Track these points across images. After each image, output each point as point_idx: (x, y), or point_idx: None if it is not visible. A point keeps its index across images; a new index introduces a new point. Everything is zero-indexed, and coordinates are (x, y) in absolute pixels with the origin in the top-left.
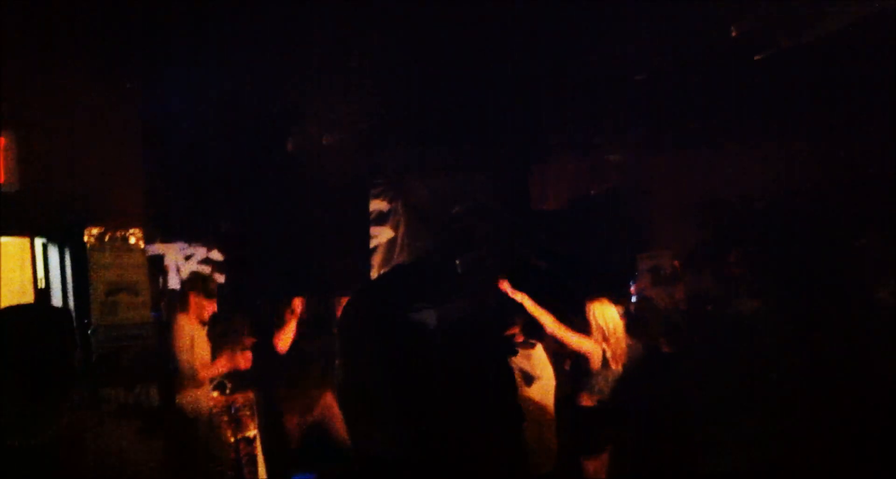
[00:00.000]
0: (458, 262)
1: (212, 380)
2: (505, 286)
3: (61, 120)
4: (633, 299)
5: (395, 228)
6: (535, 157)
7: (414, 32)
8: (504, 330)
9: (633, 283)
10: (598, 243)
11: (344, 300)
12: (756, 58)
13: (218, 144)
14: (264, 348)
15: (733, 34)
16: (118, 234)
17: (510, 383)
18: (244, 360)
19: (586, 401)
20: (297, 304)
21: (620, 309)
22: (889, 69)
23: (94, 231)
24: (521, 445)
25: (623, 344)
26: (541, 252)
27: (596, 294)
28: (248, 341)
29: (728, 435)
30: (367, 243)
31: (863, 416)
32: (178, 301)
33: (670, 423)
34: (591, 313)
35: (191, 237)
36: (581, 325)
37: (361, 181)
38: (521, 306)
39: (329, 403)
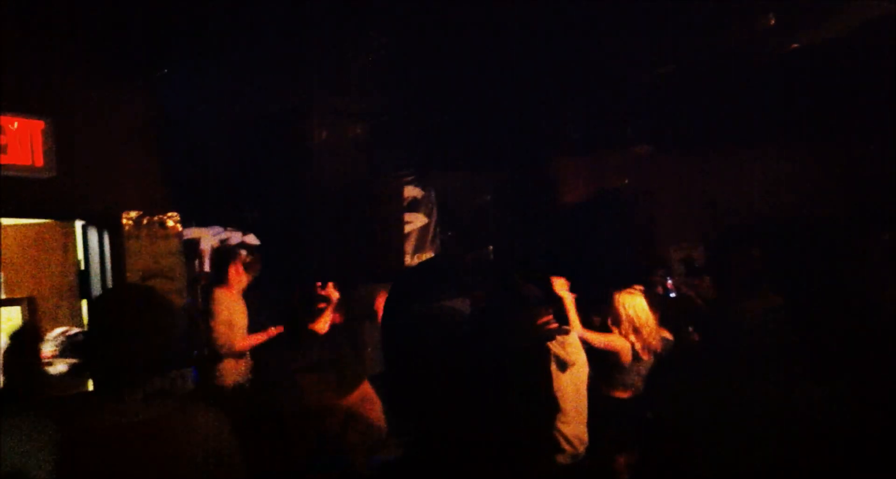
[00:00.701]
0: (490, 248)
1: (249, 354)
2: (556, 283)
3: (95, 108)
4: (672, 293)
5: (429, 216)
6: (549, 153)
7: (435, 25)
8: (537, 319)
9: (670, 277)
10: (614, 238)
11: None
12: (794, 46)
13: (246, 133)
14: (294, 335)
15: (755, 29)
16: (155, 218)
17: (546, 374)
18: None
19: (620, 394)
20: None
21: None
22: (892, 72)
23: (132, 215)
24: (552, 434)
25: (655, 334)
26: (553, 249)
27: (624, 285)
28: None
29: (733, 435)
30: (399, 233)
31: (865, 416)
32: (214, 276)
33: (682, 421)
34: (619, 303)
35: (226, 222)
36: (604, 316)
37: (388, 172)
38: (551, 296)
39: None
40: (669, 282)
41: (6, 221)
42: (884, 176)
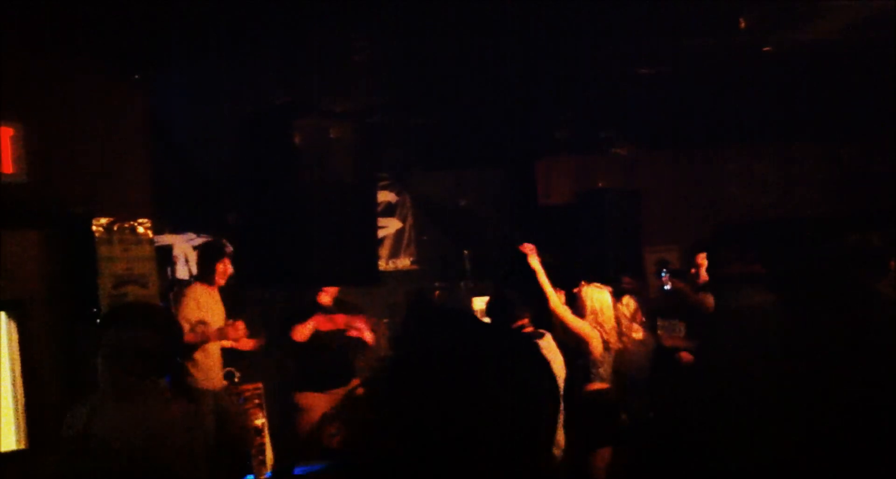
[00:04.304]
0: (466, 252)
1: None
2: (528, 249)
3: (69, 112)
4: (667, 286)
5: (403, 220)
6: (539, 152)
7: (419, 27)
8: (513, 321)
9: (665, 274)
10: (602, 237)
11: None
12: (765, 49)
13: (224, 136)
14: (279, 340)
15: (742, 26)
16: (126, 224)
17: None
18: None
19: (597, 386)
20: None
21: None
22: (890, 68)
23: (103, 221)
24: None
25: (615, 332)
26: (544, 245)
27: (588, 278)
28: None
29: (731, 433)
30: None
31: (866, 414)
32: (199, 273)
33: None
34: (586, 296)
35: (199, 228)
36: (573, 308)
37: (370, 174)
38: (529, 298)
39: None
40: (665, 276)
41: None
42: (869, 176)
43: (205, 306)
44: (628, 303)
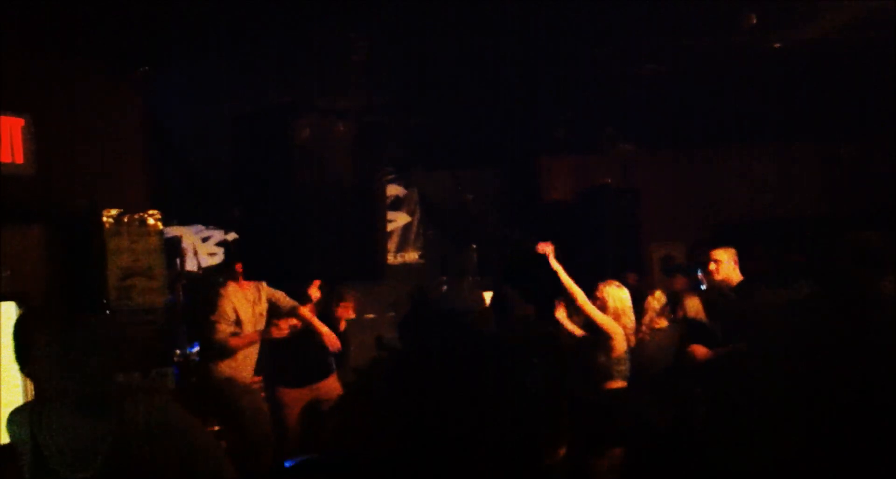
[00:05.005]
0: (473, 246)
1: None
2: (548, 250)
3: (69, 111)
4: (703, 286)
5: (411, 214)
6: (540, 151)
7: (419, 26)
8: (512, 317)
9: (699, 272)
10: (601, 235)
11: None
12: (776, 45)
13: (224, 136)
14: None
15: (753, 22)
16: (136, 216)
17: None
18: (277, 330)
19: (617, 385)
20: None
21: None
22: (890, 68)
23: (113, 212)
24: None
25: (634, 327)
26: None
27: (604, 277)
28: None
29: (732, 433)
30: (381, 232)
31: (865, 415)
32: (226, 271)
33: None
34: (606, 295)
35: (207, 220)
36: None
37: (371, 173)
38: (535, 294)
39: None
40: (699, 274)
41: None
42: (869, 176)
43: (234, 303)
44: (659, 297)
